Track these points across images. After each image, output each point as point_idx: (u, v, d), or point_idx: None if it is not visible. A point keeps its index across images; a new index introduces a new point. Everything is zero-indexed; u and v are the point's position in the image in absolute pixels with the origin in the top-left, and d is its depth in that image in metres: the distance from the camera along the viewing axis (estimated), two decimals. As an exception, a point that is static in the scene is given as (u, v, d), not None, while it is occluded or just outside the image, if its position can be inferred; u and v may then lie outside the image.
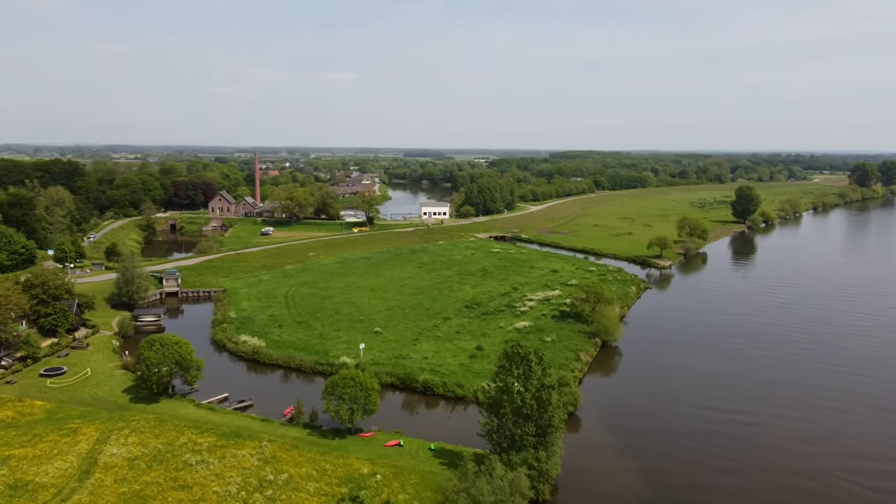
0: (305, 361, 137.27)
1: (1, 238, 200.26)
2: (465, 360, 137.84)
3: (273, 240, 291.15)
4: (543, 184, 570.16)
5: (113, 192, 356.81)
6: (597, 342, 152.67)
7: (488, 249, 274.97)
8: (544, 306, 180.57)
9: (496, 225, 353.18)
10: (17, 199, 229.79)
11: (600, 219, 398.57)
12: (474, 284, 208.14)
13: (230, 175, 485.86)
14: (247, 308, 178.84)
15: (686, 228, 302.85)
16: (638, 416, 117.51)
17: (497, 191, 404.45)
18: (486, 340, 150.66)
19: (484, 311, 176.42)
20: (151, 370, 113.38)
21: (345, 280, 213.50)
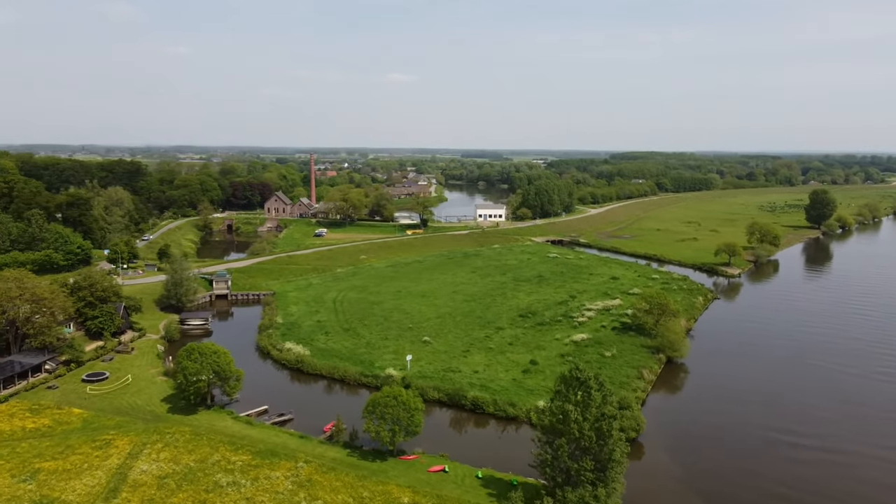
0: (350, 373, 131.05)
1: (57, 238, 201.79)
2: (517, 376, 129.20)
3: (326, 241, 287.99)
4: (603, 186, 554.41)
5: (172, 192, 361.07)
6: (661, 358, 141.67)
7: (545, 254, 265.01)
8: (604, 317, 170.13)
9: (553, 228, 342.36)
10: (74, 200, 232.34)
11: (663, 223, 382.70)
12: (529, 291, 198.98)
13: (287, 176, 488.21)
14: (294, 313, 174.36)
15: (756, 234, 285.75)
16: (707, 442, 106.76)
17: (555, 193, 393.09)
18: (541, 354, 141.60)
19: (539, 320, 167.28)
20: (189, 380, 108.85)
21: (395, 285, 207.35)
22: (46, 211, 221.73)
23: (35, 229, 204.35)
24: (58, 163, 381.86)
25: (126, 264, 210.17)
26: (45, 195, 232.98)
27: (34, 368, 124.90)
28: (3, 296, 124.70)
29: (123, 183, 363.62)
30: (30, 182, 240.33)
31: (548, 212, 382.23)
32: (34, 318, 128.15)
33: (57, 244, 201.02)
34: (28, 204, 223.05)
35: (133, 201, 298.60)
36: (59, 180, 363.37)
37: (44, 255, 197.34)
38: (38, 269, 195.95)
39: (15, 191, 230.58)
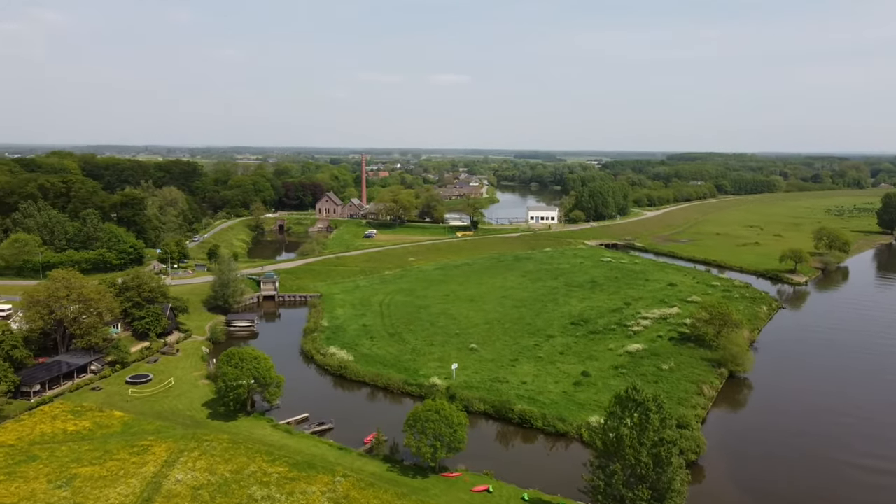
0: (393, 381, 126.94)
1: (111, 238, 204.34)
2: (568, 388, 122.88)
3: (375, 243, 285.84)
4: (660, 187, 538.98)
5: (226, 192, 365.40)
6: (722, 373, 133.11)
7: (598, 258, 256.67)
8: (661, 326, 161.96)
9: (608, 231, 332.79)
10: (129, 200, 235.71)
11: (723, 226, 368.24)
12: (582, 298, 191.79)
13: (339, 176, 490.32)
14: (340, 316, 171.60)
15: (824, 239, 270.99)
16: (775, 465, 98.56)
17: (609, 195, 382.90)
18: (594, 365, 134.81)
19: (592, 329, 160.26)
20: (229, 386, 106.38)
21: (443, 288, 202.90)
22: (102, 210, 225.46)
23: (90, 228, 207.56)
24: (118, 163, 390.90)
25: (176, 264, 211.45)
26: (101, 195, 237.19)
27: (80, 369, 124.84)
28: (52, 296, 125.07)
29: (180, 183, 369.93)
30: (87, 182, 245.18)
31: (602, 214, 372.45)
32: (81, 318, 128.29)
33: (110, 243, 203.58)
34: (84, 203, 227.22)
35: (187, 201, 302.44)
36: (118, 180, 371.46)
37: (97, 254, 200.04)
38: (91, 268, 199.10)
39: (72, 191, 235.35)
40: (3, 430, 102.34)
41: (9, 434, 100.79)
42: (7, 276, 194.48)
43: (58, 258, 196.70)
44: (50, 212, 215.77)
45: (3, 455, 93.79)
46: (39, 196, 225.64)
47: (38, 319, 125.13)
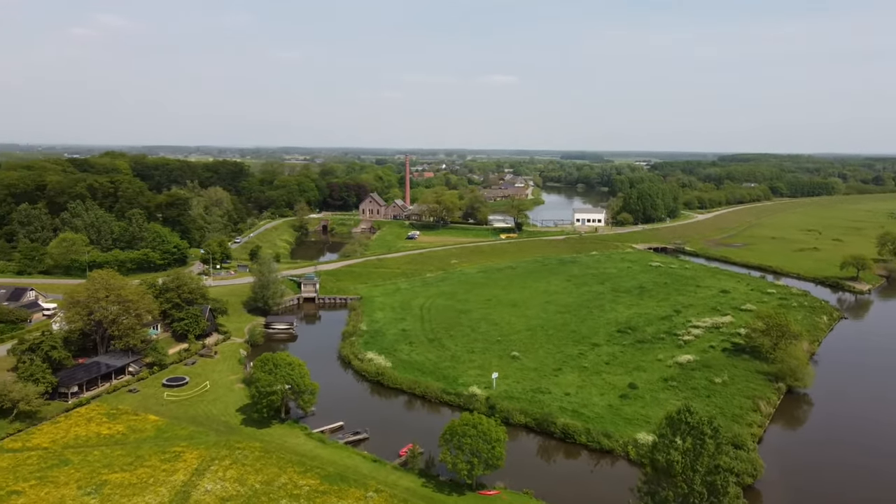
0: (431, 389, 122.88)
1: (155, 238, 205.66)
2: (614, 401, 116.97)
3: (417, 244, 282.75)
4: (711, 189, 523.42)
5: (271, 192, 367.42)
6: (780, 388, 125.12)
7: (647, 263, 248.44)
8: (713, 336, 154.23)
9: (657, 235, 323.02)
10: (174, 200, 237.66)
11: (779, 230, 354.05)
12: (629, 304, 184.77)
13: (383, 177, 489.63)
14: (379, 319, 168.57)
15: (889, 245, 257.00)
16: (838, 489, 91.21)
17: (659, 197, 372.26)
18: (641, 376, 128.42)
19: (639, 337, 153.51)
20: (262, 392, 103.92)
21: (485, 292, 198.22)
22: (147, 211, 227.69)
23: (135, 228, 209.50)
24: (167, 163, 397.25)
25: (219, 265, 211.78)
26: (147, 195, 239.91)
27: (118, 370, 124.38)
28: (91, 296, 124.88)
29: (226, 183, 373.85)
30: (134, 182, 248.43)
31: (651, 217, 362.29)
32: (120, 319, 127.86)
33: (154, 243, 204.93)
34: (131, 203, 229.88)
35: (232, 201, 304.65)
36: (167, 180, 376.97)
37: (142, 253, 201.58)
38: (136, 267, 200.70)
39: (120, 191, 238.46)
40: (39, 431, 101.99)
41: (44, 436, 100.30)
42: (55, 274, 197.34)
43: (103, 258, 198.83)
44: (97, 212, 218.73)
45: (36, 458, 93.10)
46: (88, 196, 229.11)
47: (77, 320, 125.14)
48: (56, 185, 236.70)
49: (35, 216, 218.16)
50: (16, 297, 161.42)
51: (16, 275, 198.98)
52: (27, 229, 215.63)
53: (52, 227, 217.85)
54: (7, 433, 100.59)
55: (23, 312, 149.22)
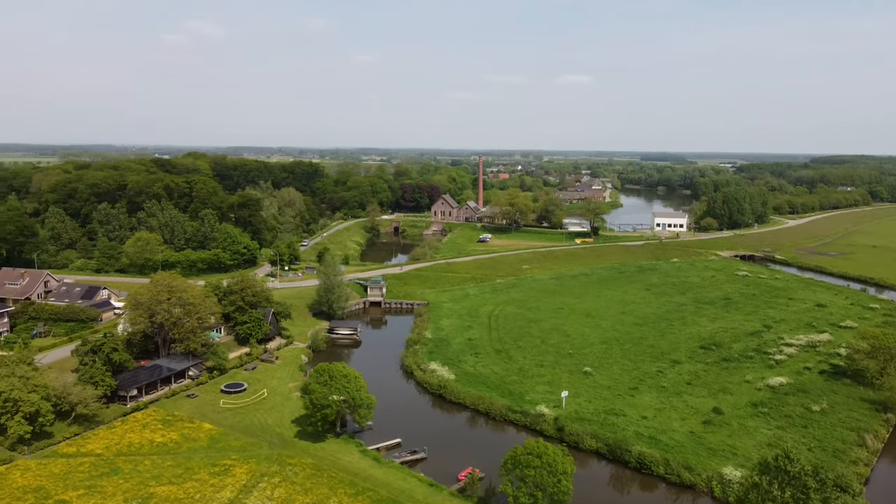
0: (496, 406, 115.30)
1: (226, 238, 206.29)
2: (696, 427, 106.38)
3: (489, 248, 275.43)
4: (803, 193, 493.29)
5: (345, 193, 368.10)
6: (889, 419, 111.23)
7: (733, 272, 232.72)
8: (808, 356, 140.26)
9: (743, 241, 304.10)
10: (245, 201, 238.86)
11: (881, 238, 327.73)
12: (713, 317, 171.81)
13: (457, 178, 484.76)
14: (445, 327, 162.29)
15: None
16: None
17: (745, 201, 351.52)
18: (727, 400, 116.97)
19: (725, 355, 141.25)
20: (316, 405, 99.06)
21: (558, 300, 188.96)
22: (220, 211, 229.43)
23: (207, 228, 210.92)
24: (245, 164, 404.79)
25: (287, 266, 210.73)
26: (220, 195, 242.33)
27: (178, 374, 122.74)
28: (153, 298, 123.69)
29: (301, 184, 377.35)
30: (208, 182, 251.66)
31: (737, 222, 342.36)
32: (183, 321, 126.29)
33: (225, 244, 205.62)
34: (204, 203, 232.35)
35: (305, 202, 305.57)
36: (245, 180, 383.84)
37: (212, 254, 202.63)
38: (206, 267, 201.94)
39: (194, 191, 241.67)
40: (95, 436, 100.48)
41: (98, 442, 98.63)
42: (130, 273, 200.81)
43: (176, 257, 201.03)
44: (171, 211, 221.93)
45: (88, 465, 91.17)
46: (164, 196, 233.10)
47: (140, 322, 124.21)
48: (135, 184, 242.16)
49: (113, 215, 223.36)
50: (89, 296, 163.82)
51: (94, 272, 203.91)
52: (106, 228, 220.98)
53: (129, 226, 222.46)
54: (64, 437, 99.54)
55: (93, 311, 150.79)
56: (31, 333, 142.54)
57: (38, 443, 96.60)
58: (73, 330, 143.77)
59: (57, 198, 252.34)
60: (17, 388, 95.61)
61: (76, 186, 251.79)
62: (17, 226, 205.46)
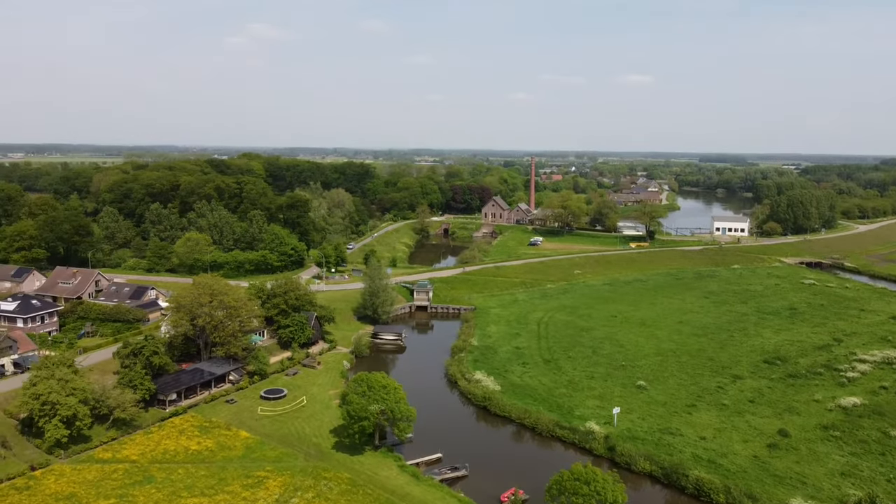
0: (543, 420, 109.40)
1: (273, 239, 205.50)
2: (760, 451, 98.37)
3: (539, 252, 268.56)
4: (874, 197, 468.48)
5: (395, 194, 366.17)
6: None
7: (798, 280, 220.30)
8: (884, 373, 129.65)
9: (809, 247, 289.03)
10: (294, 202, 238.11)
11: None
12: (778, 328, 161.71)
13: (508, 180, 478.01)
14: (492, 334, 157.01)
15: None
16: None
17: (812, 204, 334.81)
18: (794, 421, 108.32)
19: (791, 370, 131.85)
20: (353, 417, 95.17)
21: (611, 308, 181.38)
22: (269, 212, 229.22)
23: (255, 229, 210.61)
24: (297, 164, 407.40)
25: (334, 268, 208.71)
26: (269, 196, 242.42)
27: (218, 378, 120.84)
28: (195, 301, 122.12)
29: (353, 185, 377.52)
30: (258, 183, 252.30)
31: (802, 227, 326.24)
32: (225, 324, 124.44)
33: (272, 245, 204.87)
34: (253, 204, 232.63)
35: (355, 203, 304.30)
36: (297, 181, 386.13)
37: (260, 255, 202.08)
38: (253, 269, 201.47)
39: (244, 192, 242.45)
40: (131, 442, 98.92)
41: (134, 447, 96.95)
42: (180, 273, 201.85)
43: (224, 258, 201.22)
44: (221, 212, 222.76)
45: (122, 472, 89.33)
46: (215, 196, 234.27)
47: (181, 325, 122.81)
48: (187, 185, 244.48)
49: (165, 215, 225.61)
50: (137, 296, 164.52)
51: (146, 272, 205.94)
52: (157, 228, 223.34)
53: (180, 226, 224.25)
54: (101, 441, 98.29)
55: (140, 312, 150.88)
56: (78, 333, 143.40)
57: (75, 447, 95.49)
58: (119, 330, 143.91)
59: (113, 197, 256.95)
60: (55, 391, 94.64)
61: (132, 186, 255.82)
62: (73, 225, 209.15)
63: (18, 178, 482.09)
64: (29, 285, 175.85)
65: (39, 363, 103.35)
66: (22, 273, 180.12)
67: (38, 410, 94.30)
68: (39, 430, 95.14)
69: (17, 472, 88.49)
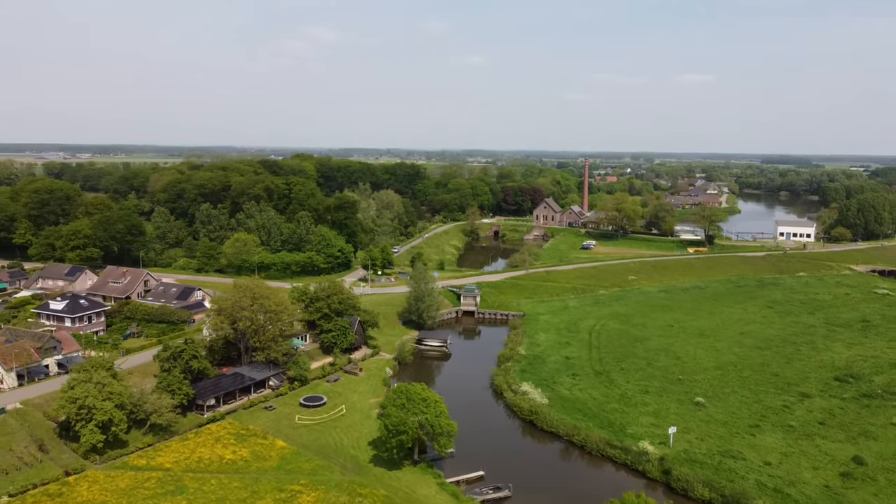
0: (593, 438, 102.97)
1: (320, 241, 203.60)
2: (832, 480, 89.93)
3: (592, 256, 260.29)
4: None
5: (445, 195, 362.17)
6: None
7: (870, 289, 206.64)
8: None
9: (883, 255, 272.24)
10: (341, 203, 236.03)
11: None
12: (849, 342, 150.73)
13: (561, 181, 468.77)
14: (541, 343, 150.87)
15: None
16: None
17: (884, 209, 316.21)
18: (870, 447, 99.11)
19: (865, 390, 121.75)
20: (391, 431, 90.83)
21: (667, 316, 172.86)
22: (317, 213, 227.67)
23: (302, 231, 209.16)
24: (349, 165, 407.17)
25: (380, 271, 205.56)
26: (317, 197, 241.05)
27: (257, 384, 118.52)
28: (235, 305, 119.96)
29: (403, 185, 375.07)
30: (306, 184, 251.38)
31: (874, 232, 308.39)
32: (265, 327, 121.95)
33: (319, 247, 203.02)
34: (302, 205, 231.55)
35: (404, 204, 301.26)
36: (349, 182, 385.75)
37: (306, 257, 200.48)
38: (300, 270, 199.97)
39: (293, 192, 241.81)
40: (167, 448, 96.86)
41: (169, 455, 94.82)
42: (228, 273, 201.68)
43: (271, 259, 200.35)
44: (269, 213, 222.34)
45: (155, 481, 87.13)
46: (264, 197, 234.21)
47: (221, 328, 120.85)
48: (238, 185, 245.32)
49: (214, 216, 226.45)
50: (184, 296, 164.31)
51: (195, 272, 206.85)
52: (207, 228, 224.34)
53: (229, 226, 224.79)
54: (137, 447, 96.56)
55: (184, 313, 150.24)
56: (123, 334, 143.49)
57: (111, 452, 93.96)
58: (164, 332, 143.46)
59: (167, 197, 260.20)
60: (91, 395, 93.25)
61: (185, 187, 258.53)
62: (126, 224, 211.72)
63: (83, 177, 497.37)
64: (81, 284, 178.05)
65: (80, 365, 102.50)
66: (75, 272, 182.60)
67: (74, 414, 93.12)
68: (76, 434, 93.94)
69: (52, 477, 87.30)
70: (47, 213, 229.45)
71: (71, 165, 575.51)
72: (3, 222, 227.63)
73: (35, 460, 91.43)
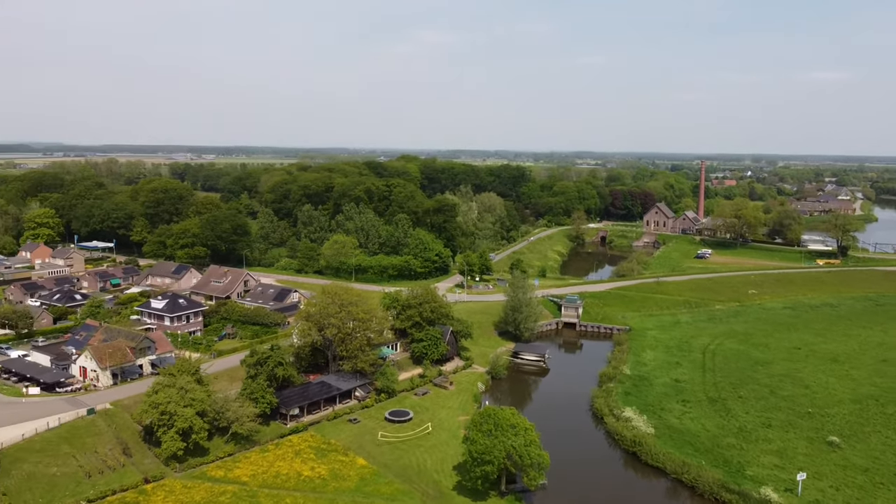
0: (705, 478, 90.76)
1: (417, 244, 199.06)
2: None
3: (707, 266, 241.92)
4: None
5: (550, 199, 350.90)
6: None
7: None
8: None
9: None
10: (440, 206, 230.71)
11: None
12: None
13: (675, 185, 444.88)
14: (648, 362, 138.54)
15: None
16: None
17: None
18: None
19: None
20: (475, 459, 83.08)
21: (793, 337, 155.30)
22: (415, 216, 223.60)
23: (400, 233, 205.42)
24: (452, 167, 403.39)
25: (478, 277, 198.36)
26: (416, 199, 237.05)
27: (343, 394, 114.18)
28: (322, 311, 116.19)
29: (507, 188, 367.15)
30: (406, 186, 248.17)
31: None
32: (353, 335, 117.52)
33: (416, 250, 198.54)
34: (401, 207, 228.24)
35: (507, 207, 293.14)
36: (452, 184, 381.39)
37: (403, 260, 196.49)
38: (397, 274, 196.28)
39: (392, 194, 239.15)
40: (245, 459, 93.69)
41: (248, 467, 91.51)
42: (326, 275, 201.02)
43: (368, 262, 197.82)
44: (368, 214, 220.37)
45: (230, 496, 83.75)
46: (364, 199, 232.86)
47: (309, 335, 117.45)
48: (340, 187, 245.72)
49: (315, 217, 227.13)
50: (281, 298, 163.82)
51: (295, 272, 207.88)
52: (308, 229, 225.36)
53: (329, 228, 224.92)
54: (217, 456, 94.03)
55: (278, 316, 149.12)
56: (219, 335, 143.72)
57: (191, 459, 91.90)
58: (258, 334, 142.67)
59: (274, 198, 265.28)
60: (173, 401, 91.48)
61: (290, 188, 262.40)
62: (232, 224, 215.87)
63: (203, 177, 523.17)
64: (186, 282, 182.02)
65: (167, 369, 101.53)
66: (181, 270, 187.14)
67: (157, 420, 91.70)
68: (159, 439, 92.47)
69: (131, 483, 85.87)
70: (162, 212, 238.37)
71: (192, 166, 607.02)
72: (123, 220, 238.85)
73: (118, 464, 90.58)
